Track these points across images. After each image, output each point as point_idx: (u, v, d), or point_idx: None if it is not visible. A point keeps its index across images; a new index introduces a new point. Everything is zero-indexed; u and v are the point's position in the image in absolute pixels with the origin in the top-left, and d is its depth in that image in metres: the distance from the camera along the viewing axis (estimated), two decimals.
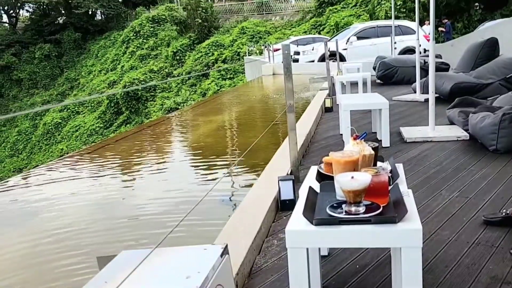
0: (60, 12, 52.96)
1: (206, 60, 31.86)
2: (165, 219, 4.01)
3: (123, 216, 4.25)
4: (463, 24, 19.91)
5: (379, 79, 11.10)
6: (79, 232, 3.99)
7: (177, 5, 46.17)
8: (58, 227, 4.19)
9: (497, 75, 7.12)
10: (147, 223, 4.03)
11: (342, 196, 1.79)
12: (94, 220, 4.25)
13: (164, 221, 3.97)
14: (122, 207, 4.53)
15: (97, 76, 41.87)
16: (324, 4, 31.27)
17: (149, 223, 4.03)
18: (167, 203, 4.44)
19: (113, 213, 4.36)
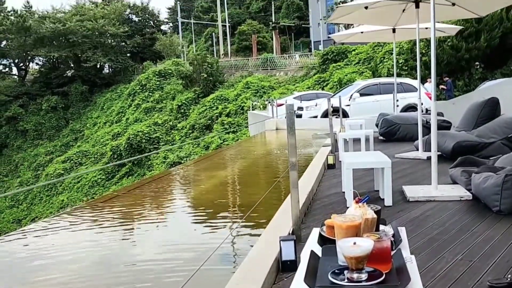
0: (69, 66, 54.26)
1: (210, 114, 32.26)
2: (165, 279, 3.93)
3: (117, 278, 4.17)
4: (464, 82, 20.24)
5: (382, 135, 11.16)
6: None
7: (184, 60, 47.31)
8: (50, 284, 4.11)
9: (499, 135, 7.16)
10: (144, 284, 3.95)
11: (344, 261, 1.76)
12: (89, 278, 4.17)
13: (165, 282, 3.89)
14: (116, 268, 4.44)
15: (102, 128, 42.32)
16: (327, 60, 32.00)
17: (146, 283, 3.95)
18: (166, 262, 4.37)
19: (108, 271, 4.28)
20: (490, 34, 19.17)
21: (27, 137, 46.40)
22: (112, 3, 58.53)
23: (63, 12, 53.31)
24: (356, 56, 30.13)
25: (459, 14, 8.33)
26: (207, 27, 65.22)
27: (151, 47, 55.88)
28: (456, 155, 6.48)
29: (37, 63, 57.68)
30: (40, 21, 49.80)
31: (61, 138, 45.20)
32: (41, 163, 41.24)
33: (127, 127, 37.81)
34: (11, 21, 50.50)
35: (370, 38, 13.77)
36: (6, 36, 50.32)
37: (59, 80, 51.48)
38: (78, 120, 47.31)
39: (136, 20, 59.42)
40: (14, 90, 50.65)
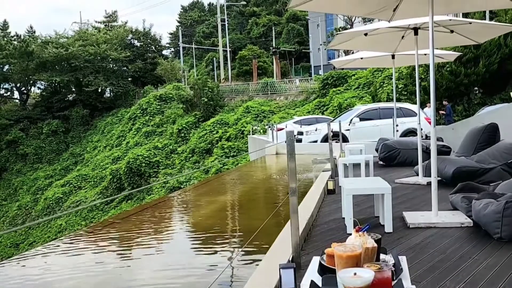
0: (70, 90, 54.67)
1: (210, 138, 32.32)
2: None
3: None
4: (463, 107, 20.33)
5: (382, 160, 11.15)
6: None
7: (185, 84, 47.67)
8: None
9: (499, 160, 7.16)
10: None
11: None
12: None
13: None
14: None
15: (102, 152, 42.36)
16: (327, 85, 32.22)
17: None
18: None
19: None
20: (488, 60, 19.35)
21: (27, 161, 46.41)
22: (114, 28, 59.25)
23: (66, 37, 53.93)
24: (356, 81, 30.34)
25: (458, 41, 8.42)
26: (208, 52, 65.89)
27: (152, 72, 56.36)
28: (456, 180, 6.46)
29: (39, 87, 58.18)
30: (43, 46, 50.34)
31: (61, 162, 45.20)
32: (40, 187, 41.14)
33: (127, 151, 37.84)
34: (14, 46, 51.06)
35: (369, 63, 13.90)
36: (9, 60, 50.80)
37: (60, 104, 51.77)
38: (78, 144, 47.40)
39: (138, 45, 60.06)
40: (15, 114, 50.90)
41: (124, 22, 62.80)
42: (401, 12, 6.08)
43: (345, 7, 6.37)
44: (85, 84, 50.74)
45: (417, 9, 6.08)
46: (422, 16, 6.72)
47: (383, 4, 5.89)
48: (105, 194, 32.94)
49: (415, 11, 6.23)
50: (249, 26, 69.66)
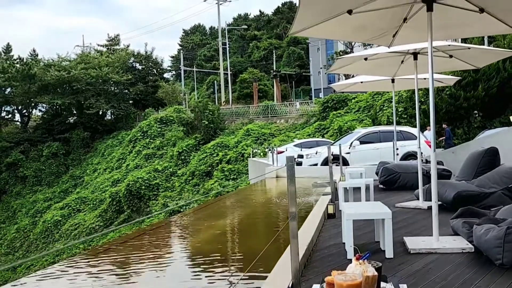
0: (71, 112, 54.85)
1: (210, 161, 32.29)
2: None
3: None
4: (463, 130, 20.38)
5: (382, 184, 11.13)
6: None
7: (185, 107, 47.87)
8: None
9: (499, 184, 7.14)
10: None
11: None
12: None
13: None
14: None
15: (102, 174, 42.29)
16: (328, 108, 32.33)
17: None
18: None
19: None
20: (487, 84, 19.46)
21: (27, 183, 46.30)
22: (116, 51, 59.76)
23: (68, 60, 54.34)
24: (356, 104, 30.46)
25: (457, 66, 8.49)
26: (209, 75, 66.38)
27: (153, 94, 56.65)
28: (457, 205, 6.44)
29: (40, 110, 58.38)
30: (45, 69, 50.69)
31: (61, 185, 45.10)
32: (39, 209, 40.97)
33: (127, 173, 37.78)
34: (17, 69, 51.44)
35: (369, 87, 13.98)
36: (11, 83, 51.12)
37: (61, 126, 51.90)
38: (78, 167, 47.36)
39: (139, 68, 60.50)
40: (16, 137, 50.99)
41: (126, 46, 63.41)
42: (400, 37, 6.14)
43: (344, 33, 6.44)
44: (86, 106, 50.96)
45: (416, 35, 6.15)
46: (421, 42, 6.80)
47: (382, 30, 5.95)
48: (104, 217, 32.77)
49: (414, 37, 6.29)
50: (250, 50, 70.34)
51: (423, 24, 5.35)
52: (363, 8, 5.03)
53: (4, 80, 50.78)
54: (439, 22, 5.55)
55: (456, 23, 5.89)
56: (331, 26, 5.36)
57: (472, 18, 5.50)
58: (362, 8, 5.03)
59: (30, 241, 36.53)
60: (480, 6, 5.24)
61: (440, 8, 5.27)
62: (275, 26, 72.21)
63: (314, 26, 5.29)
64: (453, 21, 5.82)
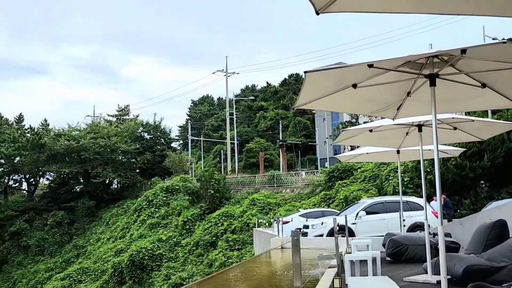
0: (78, 181, 55.02)
1: (215, 230, 31.88)
2: None
3: None
4: (470, 201, 20.16)
5: (389, 256, 10.86)
6: None
7: (192, 176, 47.97)
8: None
9: (510, 258, 6.95)
10: None
11: None
12: None
13: None
14: None
15: (105, 244, 41.74)
16: (333, 178, 32.27)
17: None
18: None
19: None
20: (493, 154, 19.49)
21: (29, 253, 45.65)
22: (126, 121, 60.84)
23: (78, 130, 55.23)
24: (362, 174, 30.42)
25: (461, 138, 8.56)
26: (216, 144, 67.05)
27: (160, 164, 56.96)
28: (467, 279, 6.24)
29: (48, 178, 58.57)
30: (55, 139, 51.39)
31: (63, 254, 44.42)
32: (39, 280, 40.11)
33: (131, 243, 37.26)
34: (27, 138, 52.24)
35: (375, 158, 14.05)
36: (21, 152, 51.71)
37: (67, 195, 51.91)
38: (82, 236, 46.86)
39: (147, 138, 61.23)
40: (22, 205, 50.91)
41: (136, 116, 64.58)
42: (404, 110, 6.24)
43: (350, 106, 6.56)
44: (93, 175, 51.18)
45: (420, 108, 6.24)
46: (425, 114, 6.89)
47: (387, 103, 6.06)
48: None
49: (419, 110, 6.39)
50: (257, 120, 71.42)
51: (426, 98, 5.44)
52: (368, 82, 5.15)
53: (14, 149, 51.45)
54: (443, 96, 5.66)
55: (459, 97, 5.99)
56: (337, 99, 5.47)
57: (475, 92, 5.60)
58: (366, 83, 5.15)
59: None
60: (482, 81, 5.35)
61: (443, 83, 5.39)
62: (281, 97, 73.72)
63: (320, 99, 5.40)
64: (456, 95, 5.93)
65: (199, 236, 32.44)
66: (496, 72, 5.07)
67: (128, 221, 42.72)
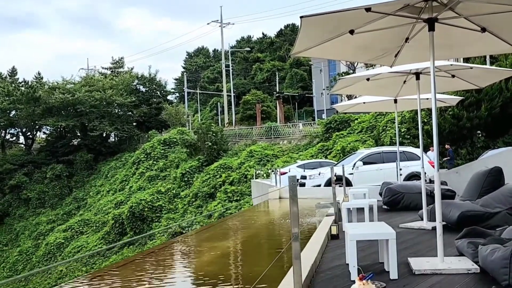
0: (75, 135, 55.06)
1: (213, 182, 32.21)
2: None
3: None
4: (466, 150, 20.29)
5: (386, 204, 11.04)
6: None
7: (189, 129, 47.99)
8: None
9: (504, 204, 7.07)
10: None
11: None
12: None
13: None
14: None
15: (105, 196, 42.22)
16: (330, 129, 32.34)
17: None
18: None
19: None
20: (490, 104, 19.45)
21: (30, 206, 46.22)
22: (120, 74, 60.23)
23: (72, 83, 54.76)
24: (359, 125, 30.47)
25: (459, 85, 8.51)
26: (213, 96, 66.69)
27: (157, 116, 56.87)
28: (462, 225, 6.37)
29: (44, 132, 58.61)
30: (49, 92, 51.06)
31: (64, 207, 45.00)
32: (42, 231, 40.82)
33: (130, 195, 37.70)
34: (22, 92, 51.84)
35: (372, 108, 14.01)
36: (16, 106, 51.45)
37: (65, 148, 52.04)
38: (81, 188, 47.32)
39: (143, 91, 60.83)
40: (20, 159, 51.10)
41: (130, 68, 63.89)
42: (402, 57, 6.16)
43: (347, 54, 6.48)
44: (90, 129, 51.17)
45: (418, 55, 6.16)
46: (423, 61, 6.82)
47: (384, 50, 5.98)
48: (107, 239, 32.59)
49: (417, 57, 6.31)
50: (253, 72, 70.76)
51: (425, 44, 5.37)
52: (365, 28, 5.05)
53: (9, 103, 51.14)
54: (441, 42, 5.58)
55: (458, 42, 5.91)
56: (333, 46, 5.39)
57: (474, 37, 5.52)
58: (364, 28, 5.06)
59: (32, 264, 36.31)
60: (482, 25, 5.26)
61: (442, 28, 5.30)
62: (277, 48, 72.73)
63: (316, 46, 5.32)
64: (455, 40, 5.85)
65: (198, 188, 32.80)
66: (496, 16, 4.98)
67: (126, 174, 43.05)
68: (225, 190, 30.10)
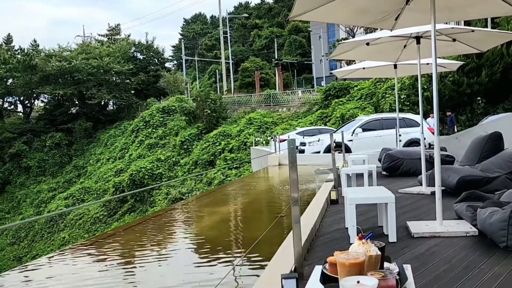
0: (73, 103, 54.81)
1: (213, 150, 32.28)
2: None
3: None
4: (466, 117, 20.27)
5: (385, 170, 11.09)
6: None
7: (187, 97, 47.75)
8: None
9: (503, 169, 7.10)
10: None
11: None
12: None
13: None
14: None
15: (105, 164, 42.34)
16: (330, 96, 32.20)
17: None
18: None
19: None
20: (491, 69, 19.31)
21: (30, 174, 46.41)
22: (117, 41, 59.53)
23: (69, 51, 54.17)
24: (358, 92, 30.33)
25: (460, 50, 8.40)
26: (211, 64, 66.12)
27: (155, 84, 56.52)
28: (461, 190, 6.40)
29: (42, 101, 58.35)
30: (46, 60, 50.55)
31: (64, 175, 45.19)
32: (43, 199, 41.12)
33: (130, 163, 37.82)
34: (18, 60, 51.30)
35: (372, 74, 13.89)
36: (13, 74, 51.02)
37: (63, 117, 51.89)
38: (81, 157, 47.42)
39: (141, 58, 60.28)
40: (19, 127, 51.01)
41: (127, 35, 63.15)
42: (403, 20, 6.06)
43: (346, 16, 6.36)
44: (88, 97, 50.91)
45: (419, 18, 6.06)
46: (424, 24, 6.71)
47: (385, 13, 5.87)
48: (108, 207, 32.87)
49: (417, 20, 6.21)
50: (252, 38, 69.96)
51: (426, 6, 5.27)
52: None
53: (6, 71, 50.70)
54: (442, 4, 5.48)
55: (459, 4, 5.81)
56: (332, 9, 5.29)
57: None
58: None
59: (35, 231, 36.71)
60: None
61: None
62: (276, 15, 71.68)
63: (315, 9, 5.22)
64: (456, 2, 5.75)
65: (197, 156, 32.90)
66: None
67: (126, 142, 43.08)
68: (225, 157, 30.19)
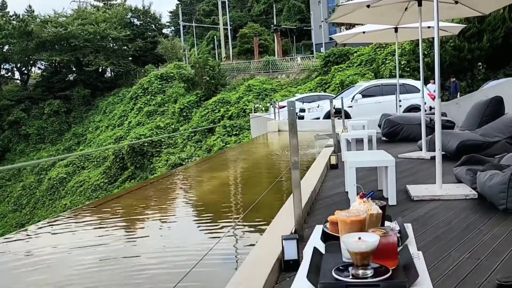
0: (71, 70, 54.35)
1: (212, 117, 32.21)
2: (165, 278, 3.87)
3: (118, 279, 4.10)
4: (467, 83, 20.15)
5: (384, 136, 11.09)
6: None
7: (186, 63, 47.33)
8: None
9: (504, 133, 7.08)
10: (144, 283, 3.89)
11: (349, 258, 1.69)
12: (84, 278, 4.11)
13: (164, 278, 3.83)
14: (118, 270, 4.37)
15: (104, 132, 42.30)
16: (329, 63, 31.95)
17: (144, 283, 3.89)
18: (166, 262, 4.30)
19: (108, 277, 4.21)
20: (492, 35, 19.08)
21: (30, 141, 46.43)
22: (113, 7, 58.61)
23: (64, 16, 53.41)
24: (358, 58, 30.06)
25: (462, 12, 8.27)
26: (209, 30, 65.26)
27: (153, 51, 55.93)
28: (461, 154, 6.39)
29: (39, 68, 57.86)
30: (42, 26, 49.89)
31: (64, 142, 45.22)
32: (43, 167, 41.24)
33: (130, 130, 37.79)
34: (13, 26, 50.60)
35: (372, 38, 13.69)
36: (8, 40, 50.43)
37: (61, 84, 51.54)
38: (80, 124, 47.35)
39: (137, 24, 59.48)
40: (17, 95, 50.74)
41: (123, 1, 62.09)
42: None
43: None
44: (86, 63, 50.44)
45: None
46: None
47: None
48: (108, 174, 33.00)
49: None
50: (250, 4, 68.88)
51: None
52: None
53: (1, 38, 50.06)
54: None
55: None
56: None
57: None
58: None
59: (36, 198, 36.98)
60: None
61: None
62: None
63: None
64: None
65: (197, 123, 32.84)
66: None
67: (125, 109, 42.93)
68: (224, 124, 30.15)
